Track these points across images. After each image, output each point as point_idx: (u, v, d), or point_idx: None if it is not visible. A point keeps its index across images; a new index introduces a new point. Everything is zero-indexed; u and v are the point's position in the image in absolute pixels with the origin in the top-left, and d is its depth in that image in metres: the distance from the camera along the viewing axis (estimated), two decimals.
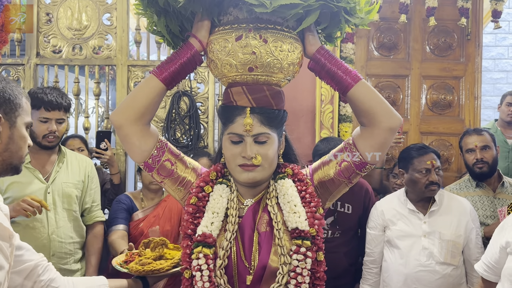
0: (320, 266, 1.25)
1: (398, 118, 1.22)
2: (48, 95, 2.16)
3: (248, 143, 1.23)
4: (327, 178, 1.29)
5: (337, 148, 1.30)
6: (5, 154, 1.15)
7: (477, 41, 3.38)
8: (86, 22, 3.12)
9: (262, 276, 1.22)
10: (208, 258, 1.22)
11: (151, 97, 1.24)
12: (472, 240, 2.22)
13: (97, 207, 2.42)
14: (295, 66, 1.27)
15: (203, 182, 1.31)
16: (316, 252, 1.24)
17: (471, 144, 2.58)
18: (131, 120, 1.23)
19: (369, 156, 1.23)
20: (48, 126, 2.18)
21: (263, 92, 1.24)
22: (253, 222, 1.27)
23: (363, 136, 1.24)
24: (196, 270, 1.22)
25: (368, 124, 1.23)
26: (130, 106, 1.24)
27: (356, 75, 1.23)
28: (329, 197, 1.33)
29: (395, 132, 1.23)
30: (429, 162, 2.22)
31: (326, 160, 1.31)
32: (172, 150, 1.32)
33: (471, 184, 2.62)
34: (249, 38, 1.20)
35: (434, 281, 2.13)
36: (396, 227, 2.25)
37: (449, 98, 3.38)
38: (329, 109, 3.16)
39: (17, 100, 1.16)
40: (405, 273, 2.17)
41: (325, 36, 1.38)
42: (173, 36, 1.35)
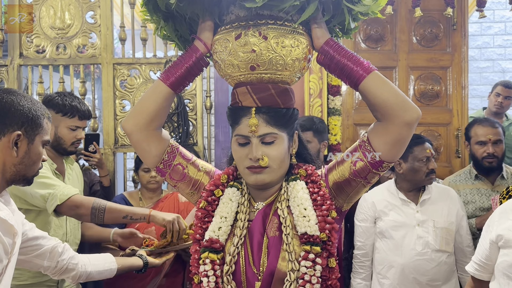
0: (332, 273, 1.18)
1: (416, 111, 1.13)
2: (81, 104, 2.24)
3: (254, 144, 1.19)
4: (342, 179, 1.22)
5: (352, 146, 1.23)
6: (19, 166, 1.31)
7: (463, 30, 3.40)
8: (69, 21, 3.07)
9: (271, 282, 1.17)
10: (215, 264, 1.20)
11: (159, 102, 1.23)
12: (463, 227, 2.27)
13: None
14: (301, 61, 1.22)
15: (213, 186, 1.29)
16: (327, 259, 1.17)
17: (484, 136, 2.48)
18: (140, 127, 1.23)
19: (384, 153, 1.15)
20: (76, 134, 2.24)
21: (269, 91, 1.20)
22: (262, 226, 1.23)
23: (378, 132, 1.16)
24: (203, 276, 1.20)
25: (382, 119, 1.14)
26: (139, 113, 1.24)
27: (369, 66, 1.15)
28: (346, 199, 1.25)
29: (412, 128, 1.14)
30: (428, 150, 2.25)
31: (340, 159, 1.24)
32: (184, 154, 1.31)
33: (470, 176, 2.59)
34: (248, 36, 1.17)
35: (431, 269, 2.16)
36: (388, 218, 2.26)
37: (436, 88, 3.39)
38: (318, 103, 3.15)
39: (39, 120, 1.33)
40: (401, 263, 2.18)
41: (340, 29, 1.30)
42: (183, 40, 1.34)
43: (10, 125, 1.27)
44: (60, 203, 1.92)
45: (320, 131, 2.66)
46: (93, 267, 1.60)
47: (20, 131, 1.28)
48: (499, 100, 3.63)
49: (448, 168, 3.36)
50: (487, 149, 2.46)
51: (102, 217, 1.96)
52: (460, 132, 3.36)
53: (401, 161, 2.30)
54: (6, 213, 1.22)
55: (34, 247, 1.43)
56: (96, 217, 1.96)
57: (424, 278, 2.16)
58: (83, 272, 1.56)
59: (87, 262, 1.59)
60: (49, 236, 1.51)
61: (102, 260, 1.67)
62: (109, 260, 1.69)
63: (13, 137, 1.27)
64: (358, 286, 2.31)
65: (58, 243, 1.52)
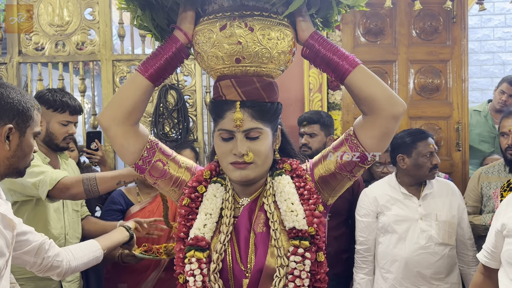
0: (320, 267, 1.17)
1: (402, 105, 1.12)
2: (71, 99, 2.22)
3: (238, 139, 1.15)
4: (328, 173, 1.20)
5: (337, 140, 1.21)
6: (12, 159, 1.32)
7: (463, 23, 3.38)
8: (68, 18, 3.06)
9: (259, 279, 1.15)
10: (201, 262, 1.16)
11: (138, 95, 1.18)
12: (464, 220, 2.28)
13: (83, 202, 2.45)
14: (286, 54, 1.19)
15: (196, 182, 1.24)
16: (316, 253, 1.16)
17: (506, 127, 2.44)
18: (118, 121, 1.18)
19: (371, 147, 1.14)
20: (68, 129, 2.22)
21: (253, 85, 1.16)
22: (248, 222, 1.20)
23: (365, 126, 1.14)
24: (189, 275, 1.16)
25: (369, 113, 1.13)
26: (116, 106, 1.19)
27: (354, 60, 1.13)
28: (331, 193, 1.24)
29: (398, 120, 1.13)
30: (431, 145, 2.25)
31: (326, 153, 1.22)
32: (164, 150, 1.26)
33: (505, 168, 2.51)
34: (233, 27, 1.12)
35: (434, 263, 2.17)
36: (391, 212, 2.26)
37: (436, 81, 3.38)
38: (318, 98, 3.15)
39: (29, 112, 1.33)
40: (405, 257, 2.18)
41: (321, 22, 1.28)
42: (160, 30, 1.27)
43: (1, 119, 1.26)
44: (50, 188, 1.92)
45: (327, 125, 2.68)
46: (77, 261, 1.59)
47: (11, 124, 1.27)
48: (503, 98, 3.56)
49: (449, 161, 3.36)
50: (508, 140, 2.42)
51: (96, 188, 1.96)
52: (461, 125, 3.35)
53: (404, 156, 2.29)
54: (4, 208, 1.23)
55: (23, 242, 1.41)
56: (90, 191, 1.96)
57: (428, 271, 2.16)
58: (67, 268, 1.55)
59: (71, 258, 1.57)
60: (35, 232, 1.49)
61: (86, 250, 1.65)
62: (94, 249, 1.67)
63: (4, 130, 1.26)
64: (361, 281, 2.31)
65: (45, 239, 1.50)
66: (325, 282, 1.18)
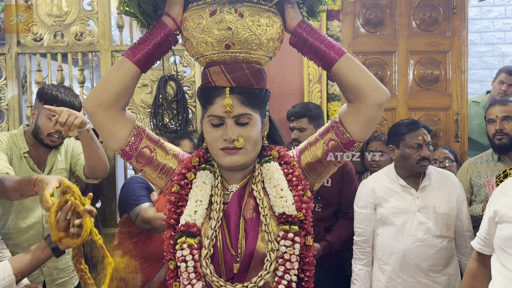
0: (309, 251, 1.21)
1: (386, 92, 1.17)
2: (63, 94, 2.16)
3: (229, 125, 1.17)
4: (315, 159, 1.24)
5: (323, 127, 1.25)
6: None
7: (463, 14, 3.37)
8: (66, 8, 3.05)
9: (249, 263, 1.18)
10: (193, 248, 1.17)
11: (125, 81, 1.17)
12: (463, 211, 2.27)
13: None
14: (275, 41, 1.20)
15: (185, 169, 1.25)
16: (305, 237, 1.20)
17: (492, 114, 2.47)
18: (104, 106, 1.17)
19: (356, 133, 1.18)
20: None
21: (243, 71, 1.17)
22: (238, 208, 1.23)
23: (350, 113, 1.18)
24: (180, 261, 1.17)
25: (354, 100, 1.17)
26: (102, 92, 1.18)
27: (340, 49, 1.17)
28: (317, 179, 1.28)
29: (382, 108, 1.17)
30: (420, 137, 2.23)
31: (313, 140, 1.25)
32: (151, 136, 1.26)
33: (493, 158, 2.55)
34: (223, 13, 1.13)
35: (432, 255, 2.16)
36: (389, 204, 2.26)
37: (436, 72, 3.38)
38: (317, 89, 3.15)
39: None
40: (402, 249, 2.19)
41: (307, 11, 1.29)
42: (147, 16, 1.25)
43: None
44: None
45: (315, 117, 2.64)
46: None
47: None
48: (503, 88, 3.60)
49: None
50: (495, 126, 2.45)
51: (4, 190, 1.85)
52: (460, 116, 3.36)
53: (394, 147, 2.31)
54: None
55: None
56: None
57: (425, 263, 2.17)
58: None
59: None
60: None
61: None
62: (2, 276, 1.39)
63: None
64: (359, 272, 2.32)
65: None
66: (313, 265, 1.22)
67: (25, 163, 2.19)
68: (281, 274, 1.17)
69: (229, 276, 1.20)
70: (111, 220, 3.00)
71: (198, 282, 1.17)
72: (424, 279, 2.17)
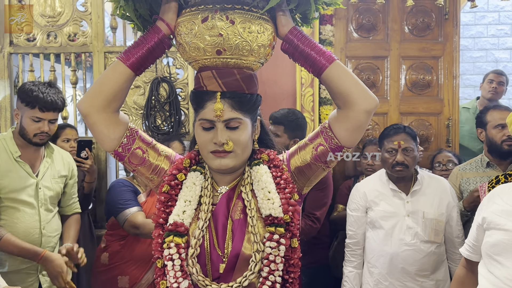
0: (294, 253, 1.22)
1: (374, 100, 1.18)
2: (44, 94, 2.09)
3: (219, 129, 1.19)
4: (304, 163, 1.26)
5: (313, 133, 1.27)
6: None
7: (455, 20, 3.40)
8: (59, 9, 3.05)
9: (235, 264, 1.20)
10: (180, 247, 1.19)
11: (119, 83, 1.20)
12: (453, 218, 2.26)
13: (75, 199, 2.42)
14: (266, 48, 1.22)
15: (176, 170, 1.28)
16: (290, 239, 1.21)
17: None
18: (98, 108, 1.19)
19: (344, 139, 1.20)
20: (40, 126, 2.12)
21: (234, 76, 1.20)
22: (227, 209, 1.25)
23: (339, 119, 1.20)
24: (167, 260, 1.20)
25: (343, 107, 1.19)
26: (97, 94, 1.20)
27: (330, 56, 1.19)
28: (306, 183, 1.30)
29: (370, 115, 1.19)
30: (396, 142, 2.24)
31: (302, 144, 1.27)
32: (143, 137, 1.28)
33: (482, 164, 2.56)
34: (215, 20, 1.15)
35: (419, 260, 2.17)
36: (379, 208, 2.27)
37: (428, 78, 3.40)
38: (310, 92, 3.16)
39: None
40: (390, 253, 2.19)
41: (300, 18, 1.33)
42: (143, 20, 1.28)
43: None
44: None
45: (291, 128, 2.56)
46: None
47: None
48: (493, 86, 3.66)
49: None
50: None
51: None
52: (451, 121, 3.38)
53: (380, 150, 2.34)
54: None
55: None
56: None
57: (413, 268, 2.17)
58: None
59: None
60: None
61: None
62: None
63: None
64: (349, 274, 2.33)
65: None
66: (298, 267, 1.23)
67: (19, 168, 2.15)
68: (266, 275, 1.18)
69: (215, 276, 1.21)
70: (103, 221, 2.99)
71: (184, 280, 1.19)
72: (411, 283, 2.18)
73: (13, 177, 2.12)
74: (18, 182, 2.12)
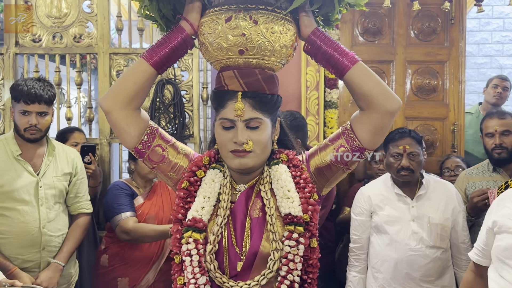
0: (313, 253, 1.22)
1: (398, 101, 1.18)
2: (29, 87, 2.10)
3: (239, 128, 1.19)
4: (323, 164, 1.25)
5: (334, 133, 1.26)
6: None
7: (461, 25, 3.39)
8: (66, 10, 3.05)
9: (253, 262, 1.20)
10: (198, 243, 1.20)
11: (141, 82, 1.21)
12: (459, 223, 2.23)
13: (82, 198, 2.37)
14: (288, 48, 1.23)
15: (196, 167, 1.28)
16: (310, 239, 1.21)
17: (491, 128, 2.47)
18: (120, 106, 1.21)
19: (366, 141, 1.19)
20: (28, 119, 2.13)
21: (255, 76, 1.20)
22: (245, 207, 1.25)
23: (361, 120, 1.19)
24: (185, 255, 1.20)
25: (366, 108, 1.18)
26: (119, 91, 1.22)
27: (353, 57, 1.18)
28: (326, 184, 1.29)
29: (393, 116, 1.18)
30: (401, 147, 2.22)
31: (322, 145, 1.27)
32: (163, 135, 1.29)
33: (488, 168, 2.54)
34: (238, 19, 1.16)
35: (424, 265, 2.14)
36: (383, 212, 2.24)
37: (433, 82, 3.39)
38: (315, 95, 3.15)
39: None
40: (395, 258, 2.17)
41: (322, 20, 1.32)
42: (166, 20, 1.31)
43: None
44: None
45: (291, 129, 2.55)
46: None
47: None
48: (498, 91, 3.65)
49: None
50: (494, 140, 2.44)
51: None
52: (457, 126, 3.36)
53: (385, 154, 2.32)
54: None
55: None
56: None
57: (417, 273, 2.14)
58: None
59: None
60: None
61: None
62: None
63: None
64: (353, 279, 2.30)
65: None
66: (316, 267, 1.23)
67: (19, 167, 2.15)
68: (284, 274, 1.18)
69: (232, 274, 1.21)
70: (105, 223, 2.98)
71: (202, 276, 1.19)
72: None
73: (12, 176, 2.12)
74: (17, 180, 2.12)
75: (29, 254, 2.14)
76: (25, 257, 2.13)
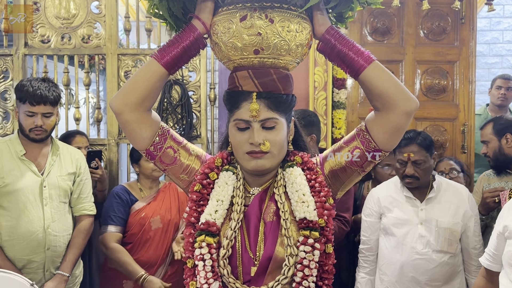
0: (328, 258, 1.19)
1: (415, 101, 1.14)
2: (34, 88, 2.10)
3: (255, 129, 1.17)
4: (338, 167, 1.22)
5: (349, 135, 1.23)
6: None
7: (471, 24, 3.35)
8: (74, 11, 3.06)
9: (267, 267, 1.17)
10: (212, 248, 1.17)
11: (152, 82, 1.18)
12: (470, 228, 2.18)
13: (85, 199, 2.36)
14: (304, 47, 1.20)
15: (208, 169, 1.26)
16: (325, 244, 1.18)
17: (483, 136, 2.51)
18: (131, 106, 1.18)
19: (383, 143, 1.16)
20: (34, 120, 2.13)
21: (270, 76, 1.18)
22: (259, 211, 1.22)
23: (377, 121, 1.16)
24: (198, 260, 1.18)
25: (382, 109, 1.14)
26: (130, 92, 1.18)
27: (369, 56, 1.15)
28: (340, 187, 1.26)
29: (411, 117, 1.14)
30: (405, 154, 2.18)
31: (337, 147, 1.24)
32: (175, 137, 1.26)
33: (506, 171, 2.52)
34: (254, 18, 1.13)
35: (431, 269, 2.10)
36: (392, 215, 2.21)
37: (443, 83, 3.35)
38: (323, 96, 3.13)
39: None
40: (401, 261, 2.14)
41: (335, 17, 1.28)
42: (176, 19, 1.27)
43: None
44: None
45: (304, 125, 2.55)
46: None
47: None
48: (502, 92, 3.61)
49: None
50: (484, 149, 2.51)
51: None
52: (467, 127, 3.32)
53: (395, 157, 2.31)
54: None
55: None
56: None
57: (423, 277, 2.11)
58: None
59: None
60: None
61: None
62: None
63: None
64: (361, 280, 2.29)
65: None
66: (332, 274, 1.20)
67: (23, 166, 2.16)
68: (299, 280, 1.15)
69: (246, 279, 1.19)
70: None
71: (215, 281, 1.17)
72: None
73: (16, 175, 2.13)
74: (21, 180, 2.12)
75: (34, 254, 2.14)
76: (30, 258, 2.13)
